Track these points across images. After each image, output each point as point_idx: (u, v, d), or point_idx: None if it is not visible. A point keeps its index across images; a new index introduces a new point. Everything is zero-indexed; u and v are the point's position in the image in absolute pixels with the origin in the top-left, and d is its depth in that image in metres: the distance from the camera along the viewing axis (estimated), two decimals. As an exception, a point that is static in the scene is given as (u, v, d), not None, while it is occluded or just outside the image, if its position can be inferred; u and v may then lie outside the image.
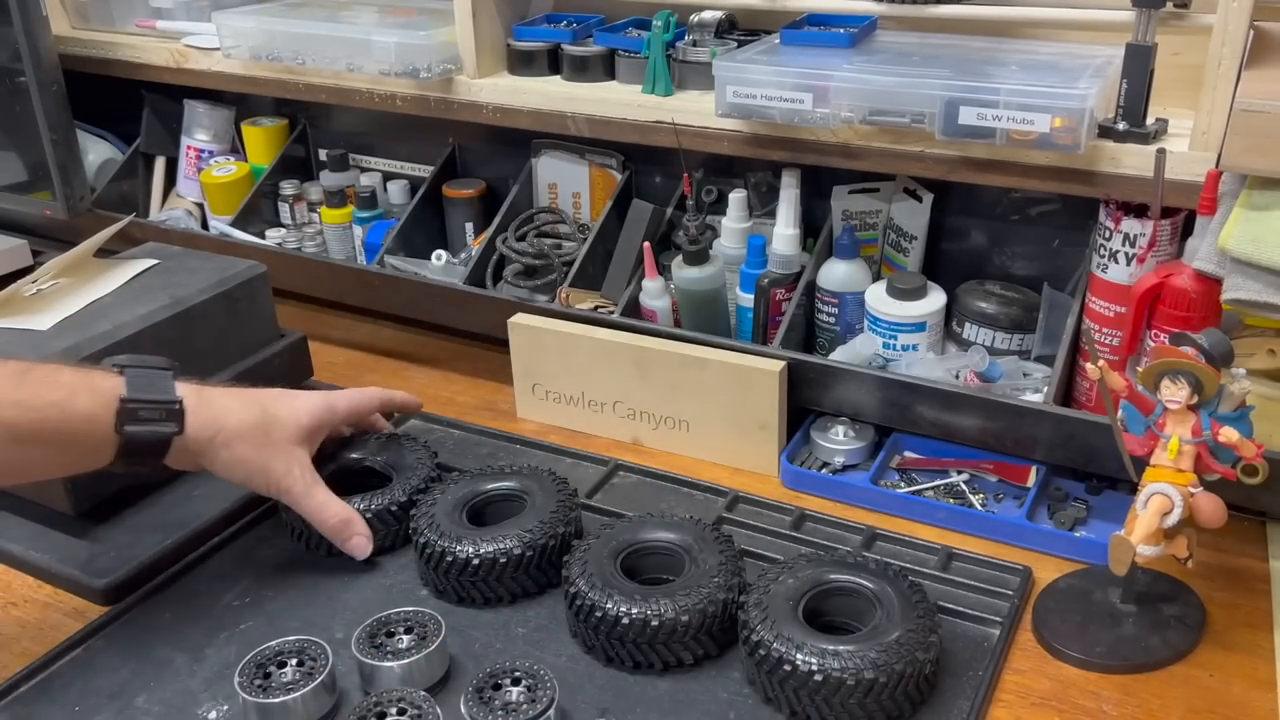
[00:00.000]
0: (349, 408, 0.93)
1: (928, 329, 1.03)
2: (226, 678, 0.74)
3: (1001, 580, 0.85)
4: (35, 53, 1.27)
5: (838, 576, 0.78)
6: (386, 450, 0.97)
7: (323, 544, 0.89)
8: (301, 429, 0.87)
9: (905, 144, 0.98)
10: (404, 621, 0.77)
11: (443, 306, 1.20)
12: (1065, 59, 0.97)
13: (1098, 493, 0.95)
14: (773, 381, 0.97)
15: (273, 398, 0.87)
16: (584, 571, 0.79)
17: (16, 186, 1.42)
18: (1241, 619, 0.82)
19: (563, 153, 1.26)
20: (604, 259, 1.19)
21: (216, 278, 1.06)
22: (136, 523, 0.93)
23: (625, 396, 1.05)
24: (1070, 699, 0.75)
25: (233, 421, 0.82)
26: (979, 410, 0.93)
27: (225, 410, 0.83)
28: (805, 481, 0.98)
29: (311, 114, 1.45)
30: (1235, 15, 0.83)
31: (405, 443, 0.98)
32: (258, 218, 1.42)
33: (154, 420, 0.78)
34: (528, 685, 0.71)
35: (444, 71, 1.18)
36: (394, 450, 0.97)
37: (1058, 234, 1.05)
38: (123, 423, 0.76)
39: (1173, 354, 0.74)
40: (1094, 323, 0.96)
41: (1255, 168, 0.81)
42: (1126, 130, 0.90)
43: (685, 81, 1.12)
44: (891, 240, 1.11)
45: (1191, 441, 0.75)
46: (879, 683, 0.69)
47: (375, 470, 0.95)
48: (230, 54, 1.31)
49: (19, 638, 0.84)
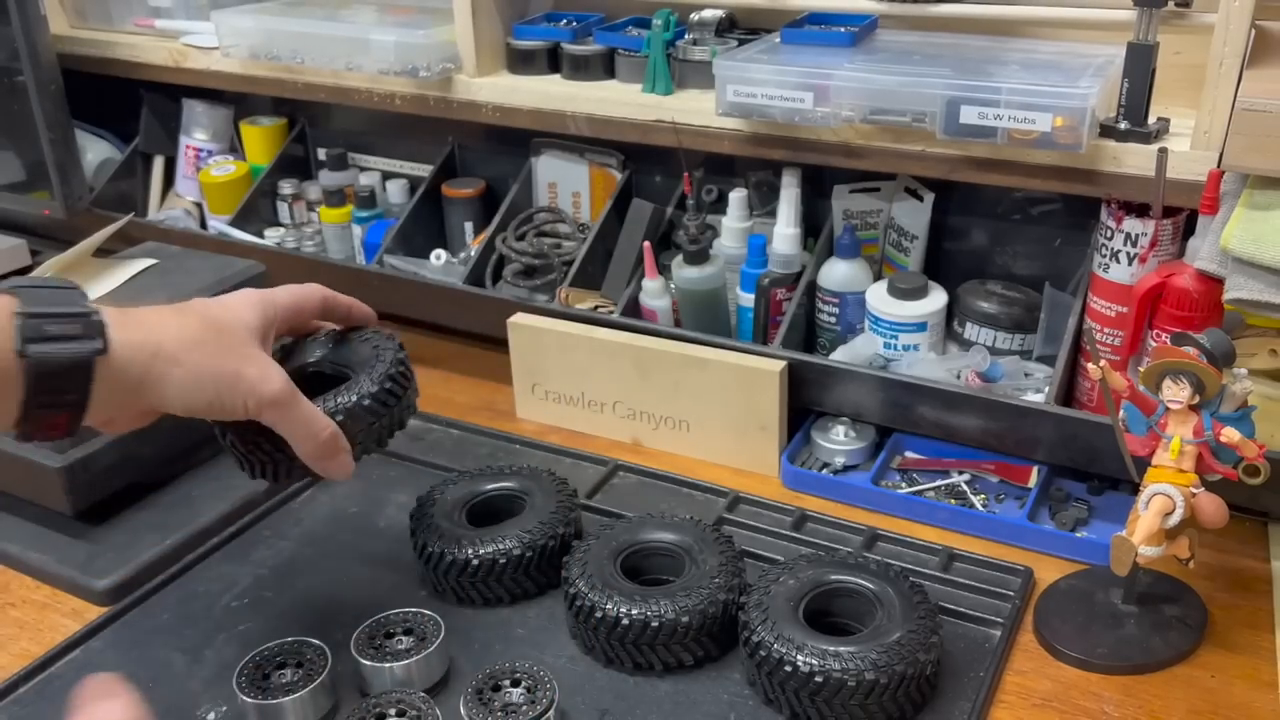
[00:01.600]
0: (289, 302, 0.76)
1: (929, 329, 1.02)
2: (225, 679, 0.74)
3: (1003, 581, 0.85)
4: (33, 52, 1.27)
5: (838, 577, 0.78)
6: (336, 350, 0.79)
7: (294, 472, 0.74)
8: (252, 329, 0.70)
9: (906, 143, 0.97)
10: (403, 622, 0.77)
11: (442, 306, 1.20)
12: (1066, 58, 0.96)
13: (1099, 493, 0.95)
14: (773, 381, 0.97)
15: (203, 304, 0.71)
16: (584, 572, 0.79)
17: (15, 186, 1.42)
18: (1243, 620, 0.82)
19: (562, 152, 1.26)
20: (604, 259, 1.19)
21: (215, 277, 1.06)
22: (136, 523, 0.93)
23: (625, 396, 1.05)
24: (1071, 700, 0.75)
25: (172, 332, 0.65)
26: (980, 410, 0.93)
27: (159, 323, 0.65)
28: (806, 482, 0.98)
29: (310, 113, 1.45)
30: (1237, 14, 0.83)
31: (354, 336, 0.80)
32: (256, 217, 1.42)
33: (67, 338, 0.59)
34: (527, 686, 0.71)
35: (443, 70, 1.18)
36: (344, 348, 0.79)
37: (1059, 233, 1.05)
38: (26, 341, 0.58)
39: (1174, 354, 0.74)
40: (1095, 322, 0.96)
41: (1257, 167, 0.81)
42: (1128, 129, 0.90)
43: (685, 80, 1.11)
44: (892, 240, 1.11)
45: (1193, 442, 0.74)
46: (880, 684, 0.69)
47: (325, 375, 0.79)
48: (229, 53, 1.31)
49: (18, 638, 0.84)
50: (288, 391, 0.68)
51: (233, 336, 0.68)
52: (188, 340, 0.65)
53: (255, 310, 0.72)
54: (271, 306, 0.73)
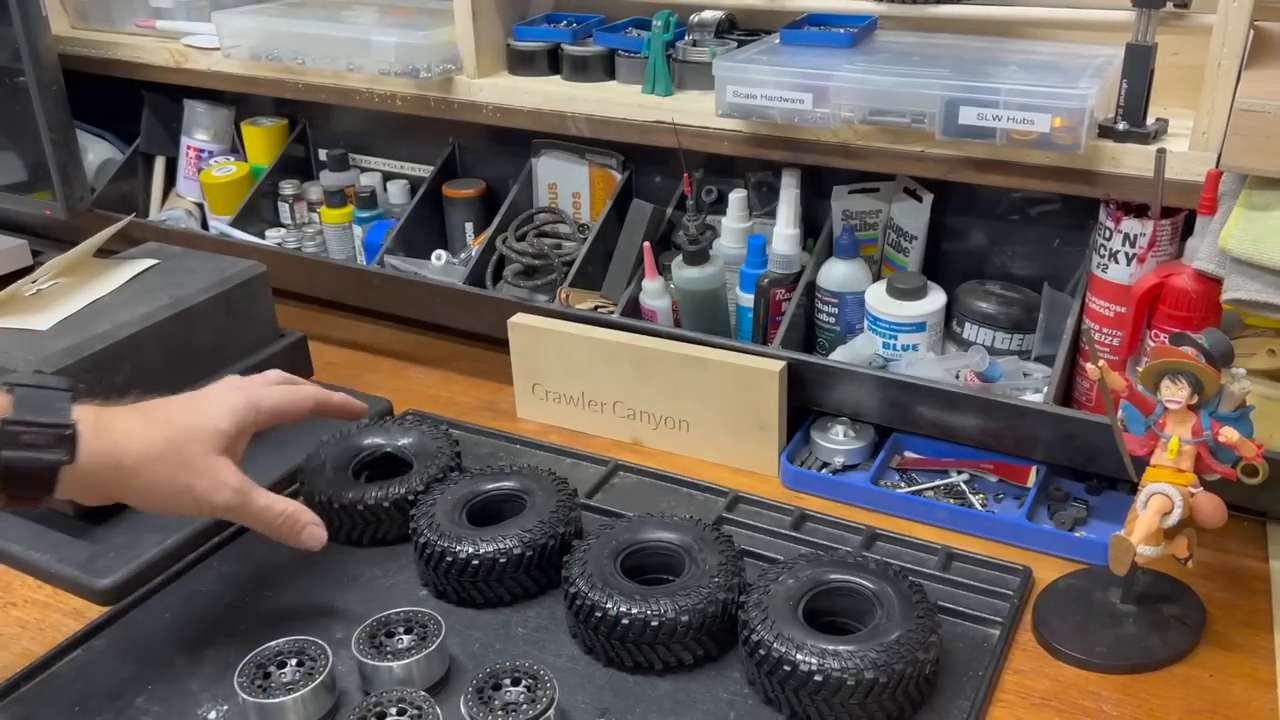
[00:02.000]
0: (273, 409, 0.82)
1: (928, 329, 1.03)
2: (226, 678, 0.74)
3: (1001, 580, 0.85)
4: (35, 52, 1.27)
5: (838, 576, 0.78)
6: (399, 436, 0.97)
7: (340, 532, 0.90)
8: (220, 436, 0.77)
9: (905, 144, 0.98)
10: (404, 621, 0.77)
11: (443, 306, 1.20)
12: (1065, 59, 0.97)
13: (1098, 493, 0.95)
14: (773, 381, 0.97)
15: (183, 406, 0.78)
16: (584, 571, 0.79)
17: (16, 186, 1.43)
18: (1241, 619, 0.82)
19: (563, 153, 1.26)
20: (604, 259, 1.19)
21: (216, 278, 1.06)
22: (136, 523, 0.93)
23: (625, 396, 1.05)
24: (1070, 699, 0.75)
25: (136, 445, 0.73)
26: (979, 410, 0.93)
27: (126, 434, 0.73)
28: (805, 481, 0.98)
29: (311, 114, 1.45)
30: (1235, 15, 0.83)
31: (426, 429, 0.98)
32: (257, 218, 1.42)
33: (38, 446, 0.68)
34: (528, 685, 0.71)
35: (444, 71, 1.18)
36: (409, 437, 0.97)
37: (1058, 234, 1.05)
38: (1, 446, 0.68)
39: (1173, 354, 0.74)
40: (1094, 323, 0.96)
41: (1255, 167, 0.81)
42: (1127, 130, 0.90)
43: (685, 81, 1.12)
44: (891, 240, 1.11)
45: (1191, 441, 0.75)
46: (879, 683, 0.69)
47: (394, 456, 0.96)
48: (230, 54, 1.31)
49: (19, 638, 0.84)
50: (237, 499, 0.77)
51: (194, 447, 0.76)
52: (149, 455, 0.73)
53: (232, 417, 0.79)
54: (253, 412, 0.81)
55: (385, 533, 0.91)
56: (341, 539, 0.91)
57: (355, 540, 0.91)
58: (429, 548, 0.84)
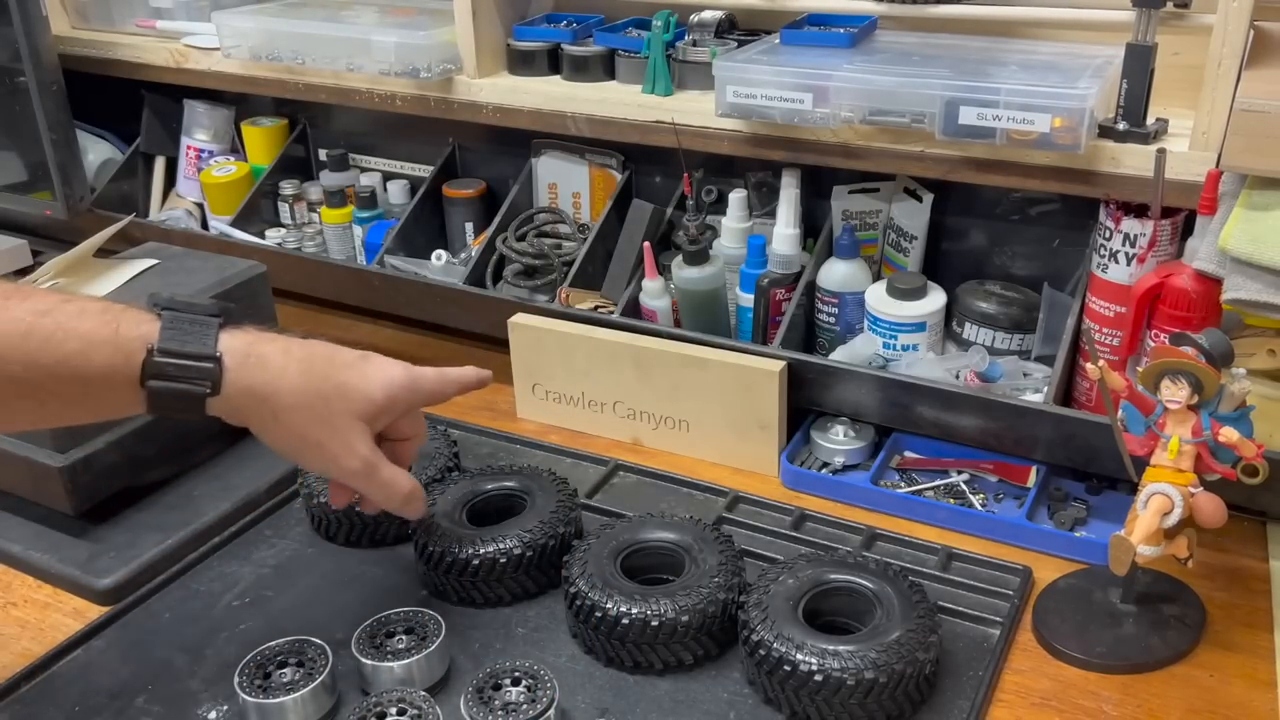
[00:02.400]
0: (434, 389, 0.80)
1: (928, 329, 1.03)
2: (226, 678, 0.74)
3: (1001, 580, 0.85)
4: (35, 52, 1.27)
5: (838, 576, 0.78)
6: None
7: (340, 533, 0.90)
8: (372, 404, 0.75)
9: (905, 144, 0.98)
10: (404, 622, 0.77)
11: (443, 306, 1.20)
12: (1065, 59, 0.97)
13: (1098, 493, 0.95)
14: (773, 381, 0.97)
15: (346, 362, 0.75)
16: (584, 571, 0.79)
17: (16, 186, 1.43)
18: (1241, 619, 0.82)
19: (563, 153, 1.26)
20: (604, 259, 1.19)
21: (216, 278, 1.06)
22: (136, 523, 0.93)
23: (625, 396, 1.05)
24: (1070, 699, 0.75)
25: (284, 387, 0.71)
26: (979, 410, 0.93)
27: (279, 374, 0.71)
28: (805, 481, 0.98)
29: (311, 114, 1.45)
30: (1235, 15, 0.83)
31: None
32: (258, 218, 1.42)
33: (183, 378, 0.67)
34: (528, 685, 0.71)
35: (444, 71, 1.18)
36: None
37: (1058, 234, 1.05)
38: (147, 377, 0.67)
39: (1173, 354, 0.74)
40: (1094, 323, 0.96)
41: (1255, 168, 0.81)
42: (1127, 130, 0.90)
43: (685, 81, 1.12)
44: (891, 240, 1.11)
45: (1191, 441, 0.75)
46: (879, 683, 0.69)
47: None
48: (230, 54, 1.31)
49: (19, 638, 0.84)
50: (364, 468, 0.75)
51: (341, 404, 0.73)
52: (293, 403, 0.71)
53: (390, 388, 0.76)
54: (412, 391, 0.78)
55: (385, 533, 0.91)
56: (341, 539, 0.91)
57: (355, 541, 0.91)
58: (429, 548, 0.84)
